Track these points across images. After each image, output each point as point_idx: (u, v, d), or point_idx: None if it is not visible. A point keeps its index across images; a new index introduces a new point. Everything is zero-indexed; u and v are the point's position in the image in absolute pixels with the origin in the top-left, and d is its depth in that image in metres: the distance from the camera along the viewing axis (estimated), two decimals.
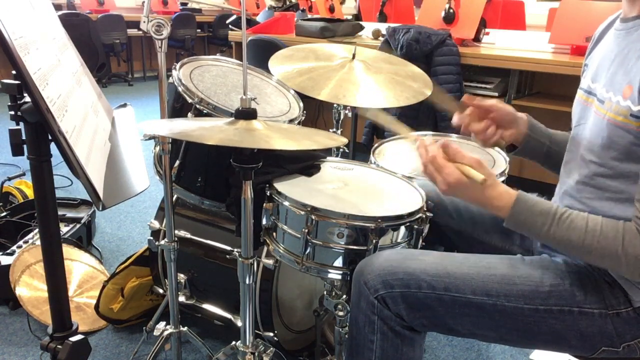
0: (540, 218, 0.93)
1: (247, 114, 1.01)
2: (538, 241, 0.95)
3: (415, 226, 1.13)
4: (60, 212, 2.32)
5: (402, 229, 1.12)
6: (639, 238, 0.86)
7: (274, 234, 1.19)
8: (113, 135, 1.20)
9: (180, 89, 1.29)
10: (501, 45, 3.09)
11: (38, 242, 1.89)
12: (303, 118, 1.44)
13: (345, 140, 1.11)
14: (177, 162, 1.33)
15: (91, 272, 2.00)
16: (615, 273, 0.95)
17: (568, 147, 1.10)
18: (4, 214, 2.25)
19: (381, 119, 1.21)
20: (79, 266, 2.00)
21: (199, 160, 1.34)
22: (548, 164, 1.23)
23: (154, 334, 1.53)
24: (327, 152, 1.43)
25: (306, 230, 1.09)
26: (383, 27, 3.08)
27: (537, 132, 1.20)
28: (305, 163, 1.29)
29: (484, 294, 0.97)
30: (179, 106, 1.32)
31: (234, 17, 4.24)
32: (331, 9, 4.76)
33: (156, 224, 1.53)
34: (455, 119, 1.18)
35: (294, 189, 1.16)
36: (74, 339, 0.97)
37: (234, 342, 1.24)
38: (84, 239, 2.32)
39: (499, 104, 1.16)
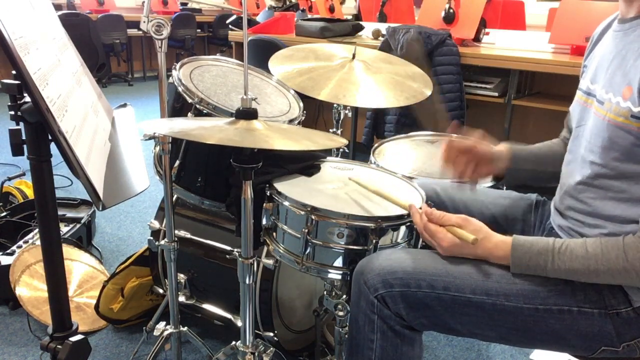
0: (541, 257, 0.95)
1: (247, 114, 1.01)
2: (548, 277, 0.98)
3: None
4: (60, 212, 2.32)
5: (402, 229, 1.13)
6: None
7: (274, 234, 1.19)
8: (113, 135, 1.20)
9: (180, 89, 1.29)
10: (501, 45, 3.09)
11: (38, 242, 1.90)
12: (303, 118, 1.44)
13: (344, 141, 1.11)
14: (177, 162, 1.33)
15: (91, 272, 2.00)
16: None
17: (569, 147, 1.10)
18: (4, 214, 2.25)
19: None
20: (79, 266, 2.00)
21: (199, 160, 1.34)
22: (536, 182, 1.27)
23: (154, 334, 1.53)
24: (327, 152, 1.43)
25: (306, 230, 1.09)
26: (383, 27, 3.09)
27: (520, 161, 1.24)
28: (305, 163, 1.29)
29: (483, 294, 0.97)
30: (179, 106, 1.32)
31: (234, 17, 4.24)
32: (331, 9, 4.76)
33: (156, 224, 1.54)
34: (442, 162, 1.25)
35: (294, 189, 1.16)
36: (74, 339, 0.97)
37: (234, 342, 1.24)
38: (84, 239, 2.32)
39: (478, 146, 1.21)
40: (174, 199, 1.38)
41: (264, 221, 1.19)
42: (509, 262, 0.98)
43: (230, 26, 3.87)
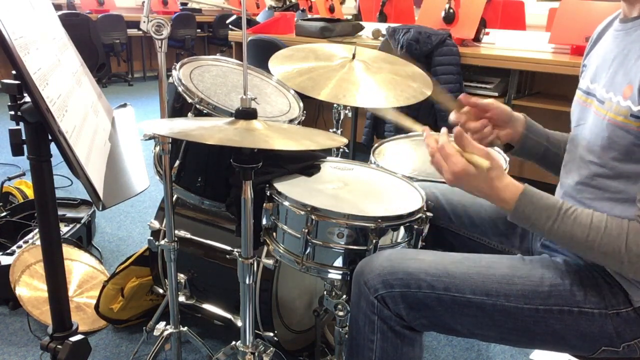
0: (546, 212, 0.93)
1: (247, 113, 1.01)
2: (541, 235, 0.95)
3: (415, 226, 1.13)
4: (60, 212, 2.32)
5: (402, 229, 1.12)
6: None
7: (274, 234, 1.19)
8: (113, 135, 1.20)
9: (180, 89, 1.29)
10: (501, 45, 3.09)
11: (38, 242, 1.89)
12: (303, 118, 1.44)
13: (345, 141, 1.11)
14: (177, 162, 1.33)
15: (91, 272, 2.00)
16: (616, 272, 0.95)
17: (568, 147, 1.10)
18: (4, 214, 2.25)
19: (394, 117, 1.22)
20: (79, 266, 2.00)
21: (199, 160, 1.34)
22: (545, 164, 1.23)
23: (154, 334, 1.53)
24: (327, 152, 1.43)
25: (306, 230, 1.09)
26: (383, 27, 3.09)
27: (534, 132, 1.20)
28: (305, 163, 1.29)
29: (483, 294, 0.97)
30: (179, 106, 1.32)
31: (234, 17, 4.24)
32: (331, 9, 4.76)
33: (156, 224, 1.53)
34: (452, 117, 1.18)
35: (294, 189, 1.16)
36: (74, 339, 0.97)
37: (234, 342, 1.24)
38: (84, 239, 2.32)
39: (495, 103, 1.15)
40: (174, 199, 1.38)
41: (264, 221, 1.19)
42: (510, 206, 0.95)
43: (230, 26, 3.87)
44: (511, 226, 1.24)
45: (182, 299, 1.65)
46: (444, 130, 1.01)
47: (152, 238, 1.47)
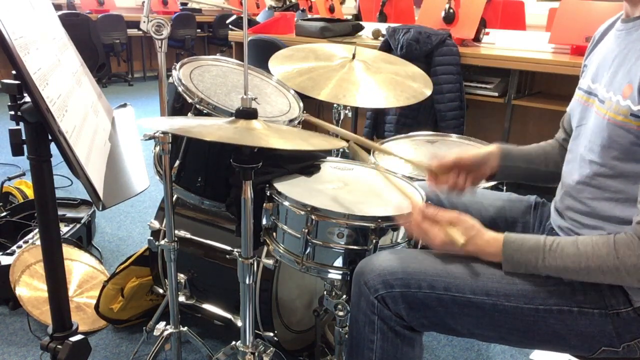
0: (532, 254, 0.95)
1: (247, 113, 1.01)
2: (540, 274, 0.98)
3: None
4: (60, 212, 2.32)
5: (402, 229, 1.12)
6: (631, 247, 0.87)
7: (274, 234, 1.19)
8: (113, 135, 1.20)
9: (180, 89, 1.29)
10: (501, 45, 3.09)
11: (38, 242, 1.89)
12: (303, 118, 1.44)
13: (344, 143, 1.11)
14: (177, 162, 1.33)
15: (91, 272, 2.00)
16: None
17: (569, 147, 1.10)
18: (4, 214, 2.25)
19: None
20: (79, 266, 2.00)
21: (199, 160, 1.34)
22: (530, 180, 1.27)
23: (154, 334, 1.53)
24: (327, 152, 1.43)
25: (306, 230, 1.09)
26: (383, 27, 3.09)
27: (511, 160, 1.23)
28: (305, 163, 1.29)
29: (483, 294, 0.97)
30: (179, 106, 1.32)
31: (234, 17, 4.24)
32: (331, 9, 4.76)
33: (156, 224, 1.54)
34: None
35: (294, 189, 1.16)
36: (74, 339, 0.97)
37: (234, 342, 1.24)
38: (84, 239, 2.32)
39: (461, 156, 1.20)
40: (174, 199, 1.38)
41: (264, 221, 1.19)
42: (500, 259, 0.97)
43: (230, 26, 3.87)
44: (511, 225, 1.25)
45: (182, 299, 1.65)
46: (415, 204, 1.07)
47: (152, 238, 1.47)
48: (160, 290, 1.78)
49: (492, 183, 1.42)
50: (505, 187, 1.53)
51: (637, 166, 0.91)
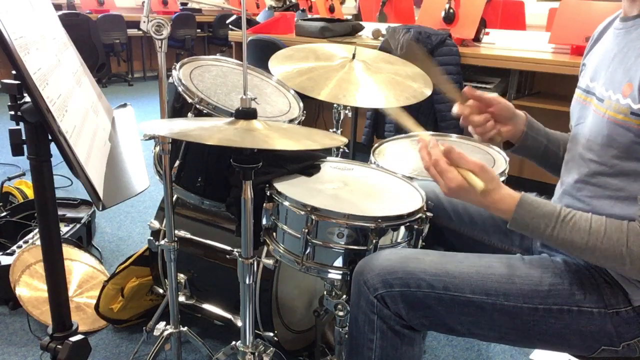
0: (544, 220, 0.93)
1: (247, 113, 1.01)
2: (541, 242, 0.95)
3: (415, 226, 1.13)
4: (60, 212, 2.32)
5: (402, 229, 1.12)
6: None
7: (274, 234, 1.19)
8: (113, 135, 1.20)
9: (180, 89, 1.29)
10: (501, 45, 3.09)
11: (38, 242, 1.89)
12: (303, 118, 1.44)
13: (345, 140, 1.11)
14: (177, 162, 1.33)
15: (91, 272, 2.00)
16: (618, 273, 0.95)
17: (568, 146, 1.10)
18: (4, 214, 2.25)
19: (395, 114, 1.22)
20: (79, 266, 2.00)
21: (199, 160, 1.34)
22: (545, 164, 1.23)
23: (154, 334, 1.53)
24: (327, 152, 1.43)
25: (306, 230, 1.09)
26: (383, 27, 3.09)
27: (535, 130, 1.20)
28: (305, 163, 1.29)
29: (483, 293, 0.97)
30: (179, 106, 1.32)
31: (234, 17, 4.24)
32: (331, 9, 4.76)
33: (156, 224, 1.54)
34: (456, 109, 1.17)
35: (294, 189, 1.16)
36: (74, 339, 0.97)
37: (234, 342, 1.24)
38: (84, 239, 2.32)
39: (499, 98, 1.15)
40: (174, 199, 1.38)
41: (264, 221, 1.19)
42: (508, 216, 0.95)
43: (230, 26, 3.87)
44: None
45: (182, 299, 1.65)
46: (433, 140, 1.00)
47: (152, 238, 1.47)
48: (160, 290, 1.78)
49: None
50: (508, 187, 1.53)
51: (638, 165, 0.91)
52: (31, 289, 1.84)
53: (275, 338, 1.52)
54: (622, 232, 0.88)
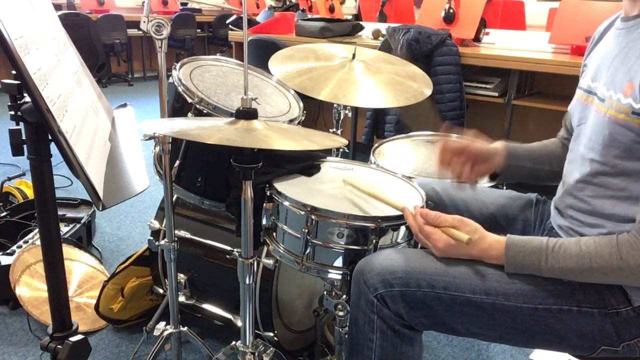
0: (535, 256, 0.95)
1: (247, 113, 1.01)
2: (542, 276, 0.98)
3: None
4: (60, 212, 2.32)
5: (402, 228, 1.13)
6: (635, 247, 0.87)
7: (274, 234, 1.19)
8: (113, 135, 1.20)
9: (180, 89, 1.29)
10: (501, 45, 3.09)
11: (38, 242, 1.90)
12: (303, 118, 1.44)
13: (345, 141, 1.11)
14: (177, 162, 1.33)
15: (91, 272, 2.00)
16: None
17: (570, 146, 1.10)
18: (4, 214, 2.25)
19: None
20: (79, 266, 2.00)
21: (199, 160, 1.34)
22: (533, 180, 1.27)
23: (154, 334, 1.53)
24: (327, 152, 1.43)
25: (306, 230, 1.09)
26: (383, 27, 3.09)
27: (515, 159, 1.24)
28: (305, 163, 1.29)
29: (483, 293, 0.97)
30: (179, 106, 1.32)
31: (234, 17, 4.24)
32: (331, 9, 4.76)
33: (156, 224, 1.54)
34: (438, 168, 1.25)
35: (294, 189, 1.16)
36: (74, 339, 0.97)
37: (234, 342, 1.24)
38: (84, 239, 2.32)
39: (472, 145, 1.21)
40: (174, 199, 1.38)
41: (264, 221, 1.19)
42: (503, 261, 0.98)
43: (230, 26, 3.87)
44: (512, 222, 1.25)
45: (182, 299, 1.65)
46: (416, 208, 1.07)
47: (152, 238, 1.47)
48: (160, 290, 1.78)
49: (490, 183, 1.42)
50: (505, 186, 1.53)
51: (639, 164, 0.91)
52: (31, 289, 1.84)
53: (275, 338, 1.52)
54: (613, 247, 0.89)
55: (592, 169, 0.99)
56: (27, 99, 0.82)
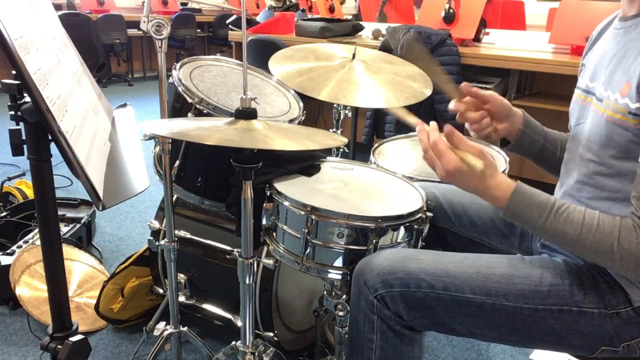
0: (537, 210, 0.92)
1: (247, 113, 1.01)
2: (534, 233, 0.94)
3: (415, 226, 1.13)
4: (60, 212, 2.32)
5: (402, 229, 1.12)
6: (634, 234, 0.86)
7: (274, 234, 1.19)
8: (113, 135, 1.20)
9: (180, 89, 1.29)
10: (501, 45, 3.09)
11: (38, 242, 1.89)
12: (303, 118, 1.44)
13: (345, 140, 1.11)
14: (177, 162, 1.33)
15: (91, 272, 2.00)
16: (610, 270, 0.95)
17: (568, 146, 1.10)
18: (4, 214, 2.25)
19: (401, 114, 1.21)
20: (79, 266, 2.00)
21: (199, 160, 1.34)
22: (541, 162, 1.23)
23: (154, 334, 1.53)
24: (327, 152, 1.43)
25: (306, 230, 1.09)
26: (383, 27, 3.09)
27: (532, 129, 1.19)
28: (305, 163, 1.29)
29: (483, 294, 0.97)
30: (179, 106, 1.32)
31: (234, 17, 4.24)
32: (331, 9, 4.76)
33: (156, 224, 1.54)
34: (452, 106, 1.16)
35: (294, 189, 1.16)
36: (74, 339, 0.97)
37: (234, 342, 1.24)
38: (84, 239, 2.32)
39: (496, 96, 1.14)
40: (174, 199, 1.38)
41: (264, 221, 1.19)
42: (502, 204, 0.94)
43: (230, 26, 3.87)
44: (511, 226, 1.24)
45: (182, 299, 1.65)
46: (433, 124, 0.99)
47: (152, 238, 1.47)
48: (160, 290, 1.78)
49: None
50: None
51: (635, 165, 0.91)
52: (31, 289, 1.84)
53: (275, 338, 1.52)
54: (615, 227, 0.88)
55: (590, 169, 0.98)
56: (27, 99, 0.82)
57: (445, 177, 0.95)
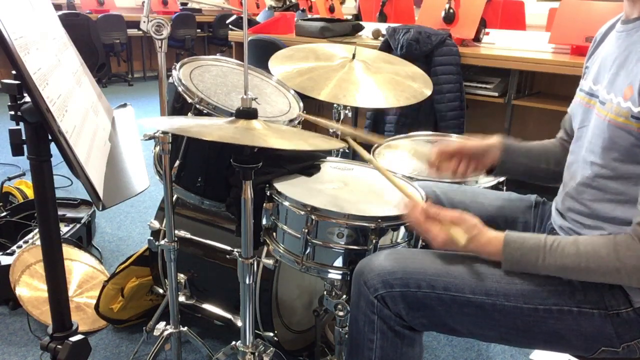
0: (533, 253, 0.95)
1: (247, 113, 1.01)
2: (539, 274, 0.97)
3: None
4: (60, 212, 2.32)
5: (402, 229, 1.13)
6: (631, 248, 0.87)
7: (274, 234, 1.19)
8: (113, 135, 1.19)
9: (180, 89, 1.29)
10: (501, 45, 3.08)
11: (38, 242, 1.89)
12: (303, 118, 1.44)
13: (343, 143, 1.11)
14: (177, 162, 1.33)
15: (91, 272, 2.00)
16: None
17: (571, 148, 1.10)
18: (4, 214, 2.25)
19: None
20: (79, 266, 2.00)
21: (199, 160, 1.34)
22: (532, 178, 1.28)
23: (154, 334, 1.53)
24: (327, 152, 1.43)
25: (306, 230, 1.09)
26: (383, 27, 3.08)
27: (512, 154, 1.24)
28: (305, 163, 1.29)
29: (483, 294, 0.97)
30: (179, 106, 1.32)
31: (234, 17, 4.24)
32: (331, 9, 4.76)
33: (156, 224, 1.54)
34: (428, 170, 1.27)
35: (294, 189, 1.16)
36: (74, 339, 0.97)
37: (234, 342, 1.24)
38: (84, 239, 2.32)
39: (465, 145, 1.22)
40: (174, 199, 1.38)
41: (264, 221, 1.19)
42: (500, 258, 0.97)
43: (230, 26, 3.87)
44: (511, 225, 1.25)
45: (182, 299, 1.65)
46: (416, 202, 1.07)
47: (152, 238, 1.47)
48: (160, 290, 1.78)
49: (492, 181, 1.42)
50: (505, 187, 1.53)
51: (638, 167, 0.91)
52: (31, 289, 1.84)
53: (275, 338, 1.52)
54: (610, 248, 0.89)
55: (592, 171, 0.98)
56: (27, 99, 0.81)
57: (439, 248, 1.01)
